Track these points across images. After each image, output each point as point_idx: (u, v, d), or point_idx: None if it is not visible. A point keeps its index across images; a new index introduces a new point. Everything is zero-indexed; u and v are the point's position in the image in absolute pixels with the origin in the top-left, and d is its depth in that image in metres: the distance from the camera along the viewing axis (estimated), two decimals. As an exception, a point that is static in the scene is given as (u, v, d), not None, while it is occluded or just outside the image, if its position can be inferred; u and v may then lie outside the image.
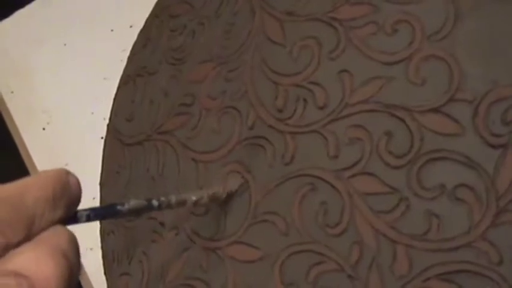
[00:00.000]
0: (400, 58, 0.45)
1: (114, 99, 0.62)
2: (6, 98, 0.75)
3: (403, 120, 0.43)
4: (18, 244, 0.34)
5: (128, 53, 0.63)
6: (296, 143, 0.47)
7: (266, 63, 0.50)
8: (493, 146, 0.41)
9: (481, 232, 0.40)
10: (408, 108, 0.43)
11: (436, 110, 0.42)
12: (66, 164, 0.68)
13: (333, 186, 0.45)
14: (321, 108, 0.46)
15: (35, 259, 0.33)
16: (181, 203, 0.45)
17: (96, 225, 0.58)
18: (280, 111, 0.48)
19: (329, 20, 0.48)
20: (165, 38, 0.58)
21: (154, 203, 0.42)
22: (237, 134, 0.50)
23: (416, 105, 0.43)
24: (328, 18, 0.48)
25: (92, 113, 0.70)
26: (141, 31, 0.62)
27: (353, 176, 0.44)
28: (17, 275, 0.32)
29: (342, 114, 0.45)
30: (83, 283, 0.68)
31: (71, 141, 0.59)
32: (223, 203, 0.48)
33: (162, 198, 0.43)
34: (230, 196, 0.48)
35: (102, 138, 0.63)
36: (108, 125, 0.61)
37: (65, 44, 0.75)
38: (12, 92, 0.75)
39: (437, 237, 0.41)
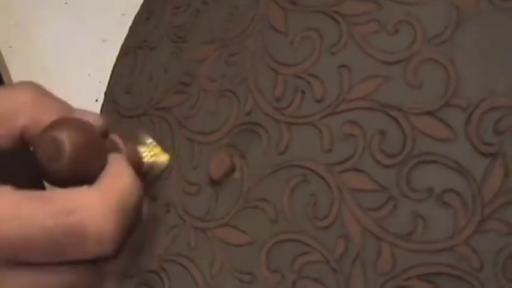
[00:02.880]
0: (400, 58, 0.45)
1: (113, 68, 0.62)
2: (4, 53, 0.75)
3: (397, 121, 0.44)
4: None
5: (127, 18, 0.63)
6: (291, 134, 0.47)
7: (267, 51, 0.50)
8: (483, 154, 0.41)
9: (464, 237, 0.41)
10: (403, 110, 0.44)
11: (430, 114, 0.43)
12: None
13: (324, 180, 0.45)
14: (318, 101, 0.47)
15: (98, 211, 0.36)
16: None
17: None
18: (278, 100, 0.49)
19: (332, 14, 0.48)
20: (169, 14, 0.58)
21: None
22: (233, 118, 0.50)
23: (411, 107, 0.44)
24: (332, 11, 0.48)
25: (89, 75, 0.70)
26: (144, 2, 0.62)
27: (344, 171, 0.45)
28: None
29: (338, 109, 0.46)
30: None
31: (66, 100, 0.58)
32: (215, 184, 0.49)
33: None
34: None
35: (96, 100, 0.64)
36: (105, 93, 0.61)
37: (66, 3, 0.75)
38: (10, 47, 0.75)
39: (421, 239, 0.42)
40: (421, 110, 0.43)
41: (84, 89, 0.68)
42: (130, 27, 0.62)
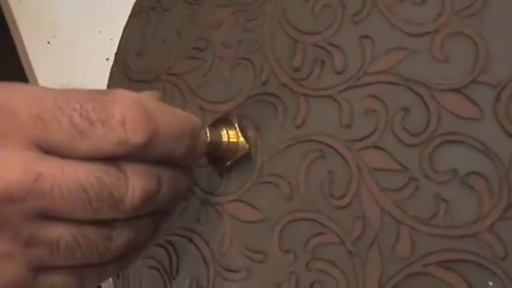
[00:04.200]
0: (426, 31, 0.43)
1: (124, 29, 0.60)
2: (13, 6, 0.73)
3: (421, 97, 0.42)
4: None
5: (141, -26, 0.61)
6: (309, 106, 0.46)
7: (286, 18, 0.48)
8: (511, 136, 0.39)
9: (488, 224, 0.39)
10: (428, 85, 0.42)
11: (457, 91, 0.41)
12: (69, 82, 0.66)
13: (342, 157, 0.44)
14: (339, 73, 0.45)
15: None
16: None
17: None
18: (296, 70, 0.47)
19: (356, -20, 0.46)
20: (184, -27, 0.56)
21: None
22: (248, 88, 0.49)
23: (437, 83, 0.42)
24: (356, -22, 0.46)
25: (100, 32, 0.68)
26: (159, -40, 0.60)
27: (364, 148, 0.43)
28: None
29: (360, 82, 0.44)
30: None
31: (75, 58, 0.57)
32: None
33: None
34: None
35: (107, 59, 0.62)
36: (116, 55, 0.60)
37: (78, -45, 0.73)
38: (19, 0, 0.73)
39: (443, 223, 0.40)
40: (447, 87, 0.41)
41: (94, 46, 0.67)
42: (144, -14, 0.60)
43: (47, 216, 0.34)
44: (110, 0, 0.69)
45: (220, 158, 0.47)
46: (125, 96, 0.36)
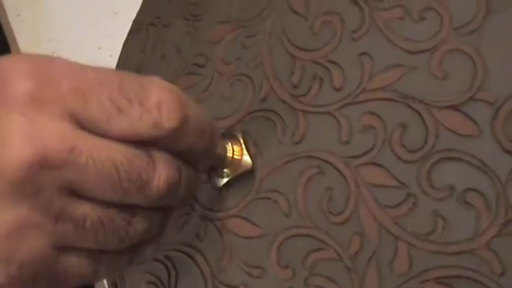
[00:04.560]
0: (424, 48, 0.43)
1: (124, 45, 0.60)
2: (12, 21, 0.73)
3: (419, 114, 0.42)
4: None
5: (140, -10, 0.62)
6: (308, 123, 0.46)
7: (286, 34, 0.48)
8: (509, 153, 0.40)
9: (486, 240, 0.39)
10: (426, 102, 0.42)
11: (454, 108, 0.41)
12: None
13: (340, 173, 0.44)
14: (337, 90, 0.45)
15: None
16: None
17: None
18: (295, 86, 0.47)
19: (355, -2, 0.46)
20: (183, -11, 0.57)
21: None
22: (247, 104, 0.49)
23: (435, 100, 0.42)
24: (355, -5, 0.46)
25: (99, 48, 0.68)
26: (158, -23, 0.60)
27: (362, 164, 0.43)
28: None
29: (358, 99, 0.44)
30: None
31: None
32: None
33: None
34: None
35: (106, 76, 0.62)
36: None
37: (77, -28, 0.73)
38: (18, 16, 0.73)
39: (440, 240, 0.40)
40: (445, 104, 0.42)
41: (94, 63, 0.67)
42: (143, 2, 0.61)
43: (76, 193, 0.34)
44: (109, 16, 0.69)
45: (220, 173, 0.47)
46: (161, 81, 0.37)
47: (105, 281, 0.60)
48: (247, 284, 0.46)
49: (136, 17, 0.60)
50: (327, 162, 0.44)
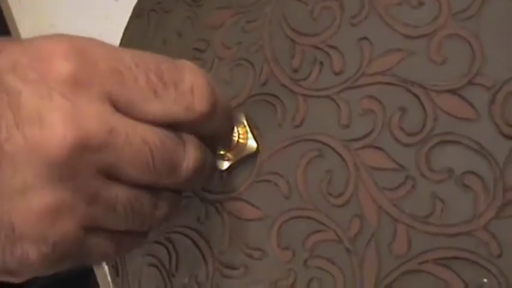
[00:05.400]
0: (423, 33, 0.43)
1: (125, 30, 0.60)
2: (12, 6, 0.73)
3: (418, 98, 0.42)
4: None
5: (142, -23, 0.62)
6: (308, 106, 0.46)
7: (286, 20, 0.49)
8: (506, 136, 0.40)
9: (484, 222, 0.40)
10: (425, 86, 0.42)
11: (453, 92, 0.42)
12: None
13: (340, 156, 0.44)
14: (337, 74, 0.45)
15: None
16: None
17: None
18: (295, 71, 0.47)
19: (354, -17, 0.46)
20: (184, -24, 0.57)
21: None
22: (248, 88, 0.49)
23: (433, 84, 0.42)
24: (354, -19, 0.46)
25: (100, 35, 0.68)
26: (159, -37, 0.61)
27: (362, 148, 0.44)
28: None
29: (358, 83, 0.45)
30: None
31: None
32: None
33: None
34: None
35: (108, 61, 0.62)
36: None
37: (78, -42, 0.73)
38: (20, 2, 0.73)
39: (439, 222, 0.41)
40: (444, 88, 0.42)
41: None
42: (144, -12, 0.60)
43: (109, 176, 0.34)
44: (109, 3, 0.69)
45: (223, 156, 0.47)
46: (192, 65, 0.37)
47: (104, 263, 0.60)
48: (248, 265, 0.46)
49: (137, 3, 0.61)
50: (327, 145, 0.45)
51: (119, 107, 0.34)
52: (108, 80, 0.34)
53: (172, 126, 0.36)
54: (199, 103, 0.36)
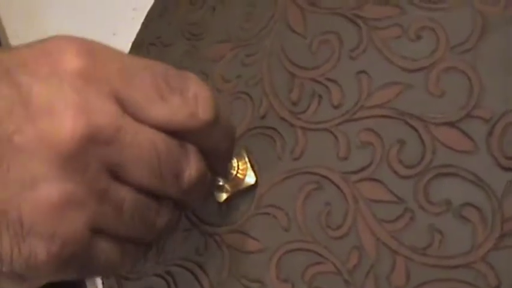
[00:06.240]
0: (421, 66, 0.44)
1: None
2: (12, 41, 0.74)
3: (416, 130, 0.43)
4: None
5: (139, 12, 0.62)
6: (307, 139, 0.46)
7: (285, 53, 0.49)
8: (504, 168, 0.40)
9: (482, 254, 0.40)
10: (423, 119, 0.43)
11: (451, 124, 0.42)
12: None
13: (338, 188, 0.44)
14: (336, 107, 0.46)
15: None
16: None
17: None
18: (294, 104, 0.48)
19: (353, 17, 0.47)
20: (183, 10, 0.57)
21: None
22: (247, 121, 0.49)
23: (432, 117, 0.43)
24: (352, 15, 0.47)
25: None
26: (158, -2, 0.61)
27: (360, 180, 0.44)
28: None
29: (356, 116, 0.45)
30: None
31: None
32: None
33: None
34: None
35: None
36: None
37: (76, -7, 0.74)
38: (18, 37, 0.74)
39: (437, 254, 0.41)
40: (442, 120, 0.42)
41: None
42: (143, 23, 0.61)
43: (116, 176, 0.34)
44: (107, 38, 0.69)
45: (221, 187, 0.47)
46: (196, 76, 0.38)
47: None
48: (247, 298, 0.46)
49: (136, 38, 0.61)
50: (326, 177, 0.45)
51: (125, 108, 0.34)
52: (117, 80, 0.34)
53: (176, 134, 0.36)
54: (203, 111, 0.37)
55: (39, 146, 0.31)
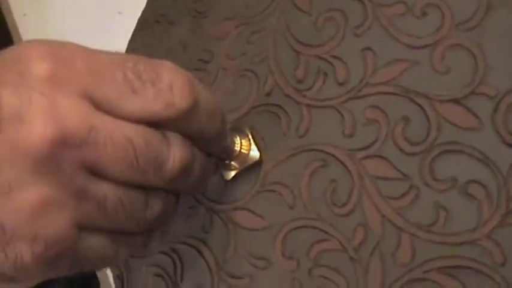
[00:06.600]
0: (426, 43, 0.44)
1: (129, 42, 0.60)
2: (18, 20, 0.74)
3: (422, 108, 0.43)
4: None
5: (143, -10, 0.62)
6: (312, 117, 0.46)
7: (290, 30, 0.49)
8: (509, 145, 0.40)
9: (487, 231, 0.40)
10: (428, 96, 0.43)
11: (456, 102, 0.42)
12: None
13: (344, 165, 0.44)
14: (341, 84, 0.46)
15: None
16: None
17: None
18: (299, 81, 0.47)
19: (358, -6, 0.47)
20: (189, -13, 0.57)
21: None
22: (252, 98, 0.49)
23: (437, 94, 0.42)
24: (357, -8, 0.47)
25: (104, 47, 0.68)
26: (163, -24, 0.61)
27: (366, 157, 0.44)
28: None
29: (361, 93, 0.45)
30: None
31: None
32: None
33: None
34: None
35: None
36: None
37: (82, -28, 0.73)
38: (24, 15, 0.74)
39: (443, 230, 0.41)
40: (447, 97, 0.42)
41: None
42: (148, 1, 0.61)
43: (96, 173, 0.34)
44: (113, 16, 0.69)
45: (228, 166, 0.47)
46: (171, 64, 0.37)
47: (109, 274, 0.60)
48: (252, 275, 0.46)
49: (141, 15, 0.61)
50: (331, 155, 0.45)
51: (98, 106, 0.34)
52: (86, 78, 0.34)
53: (155, 124, 0.36)
54: (180, 100, 0.36)
55: (12, 154, 0.32)
